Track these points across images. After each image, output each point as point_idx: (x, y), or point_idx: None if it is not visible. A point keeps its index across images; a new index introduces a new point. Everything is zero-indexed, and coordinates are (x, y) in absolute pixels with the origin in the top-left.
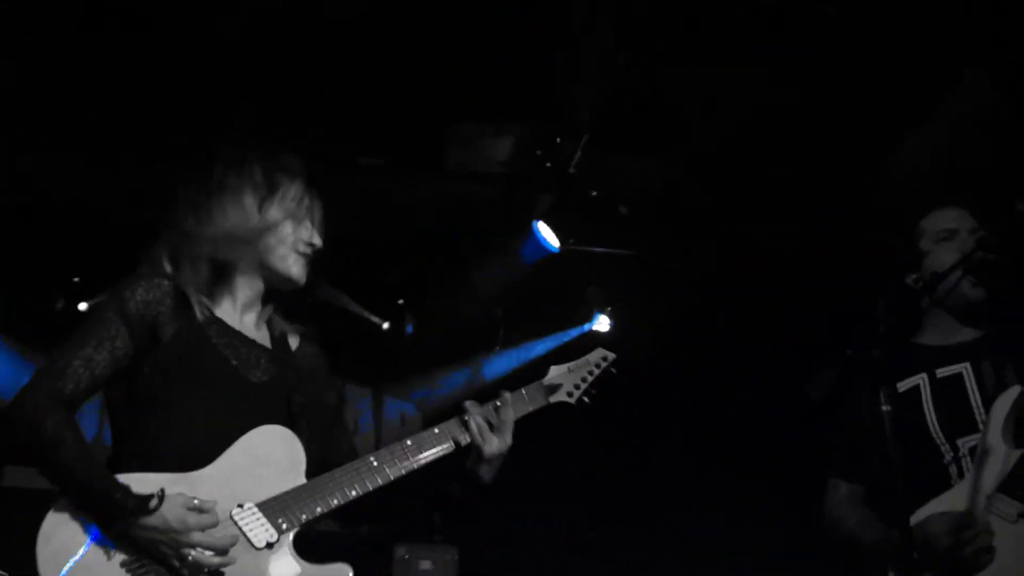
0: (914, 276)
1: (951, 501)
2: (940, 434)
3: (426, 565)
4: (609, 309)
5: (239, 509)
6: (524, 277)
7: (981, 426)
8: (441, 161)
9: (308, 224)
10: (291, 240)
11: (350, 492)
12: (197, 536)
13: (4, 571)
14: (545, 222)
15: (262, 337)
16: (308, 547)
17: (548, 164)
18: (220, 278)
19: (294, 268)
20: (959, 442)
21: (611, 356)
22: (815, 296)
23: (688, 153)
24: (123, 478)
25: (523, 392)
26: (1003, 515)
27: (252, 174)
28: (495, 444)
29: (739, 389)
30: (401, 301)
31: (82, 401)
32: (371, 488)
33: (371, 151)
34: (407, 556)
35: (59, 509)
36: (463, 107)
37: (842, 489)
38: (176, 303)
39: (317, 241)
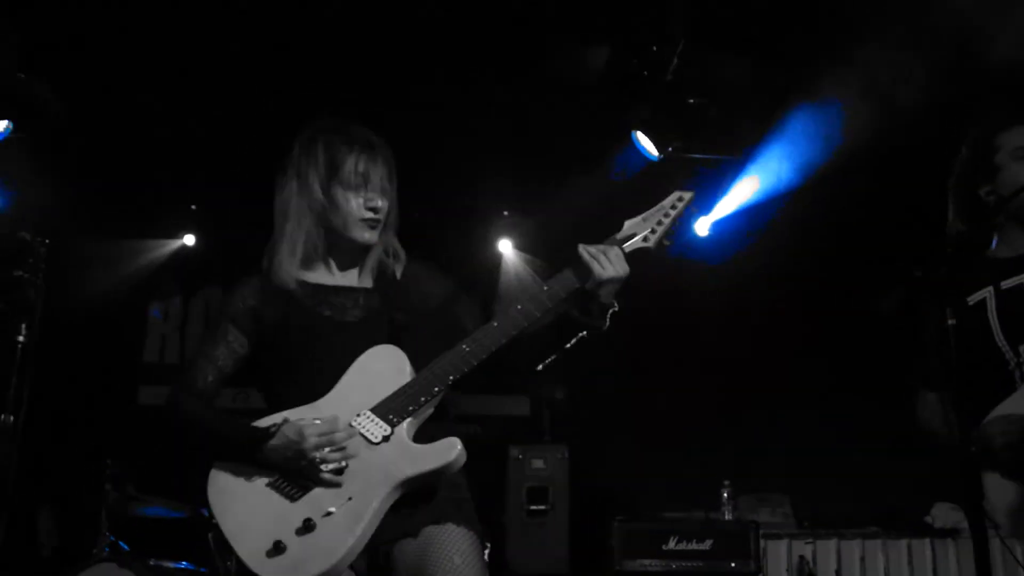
0: (987, 189)
1: (1016, 403)
2: (1004, 342)
3: (539, 464)
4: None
5: (356, 416)
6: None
7: None
8: (540, 72)
9: (366, 191)
10: (354, 209)
11: (447, 379)
12: (314, 440)
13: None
14: (643, 131)
15: (364, 283)
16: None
17: (645, 72)
18: (313, 248)
19: (361, 234)
20: (1021, 348)
21: (687, 195)
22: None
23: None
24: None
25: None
26: None
27: (316, 155)
28: (610, 269)
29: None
30: (507, 213)
31: (215, 390)
32: (466, 370)
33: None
34: (520, 456)
35: (219, 464)
36: (560, 18)
37: (930, 399)
38: (269, 291)
39: (379, 203)
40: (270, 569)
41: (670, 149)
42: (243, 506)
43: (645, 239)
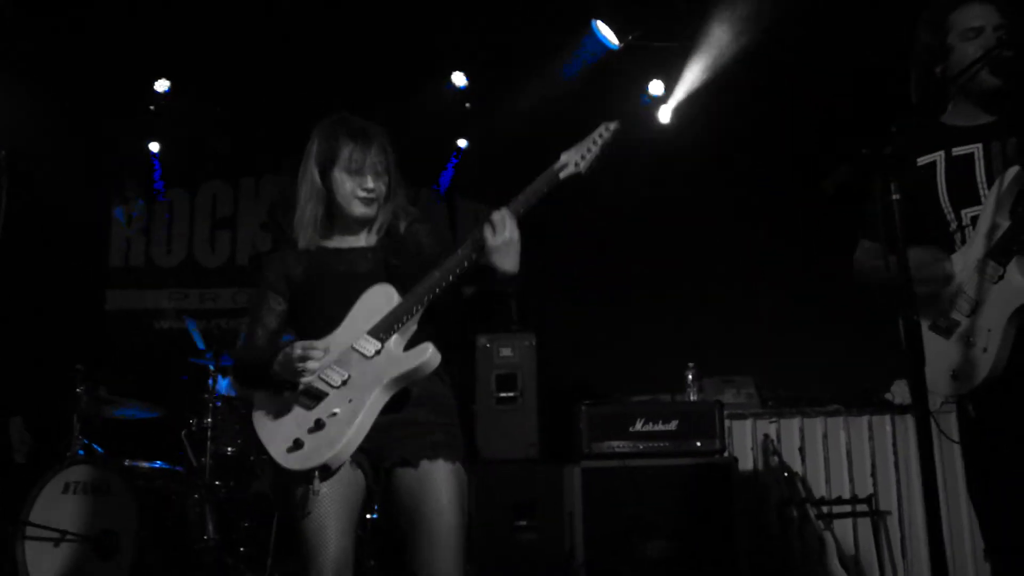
0: (940, 68)
1: (954, 264)
2: (948, 204)
3: (507, 352)
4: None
5: (357, 340)
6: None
7: (983, 199)
8: None
9: (362, 175)
10: (350, 191)
11: (424, 298)
12: (298, 352)
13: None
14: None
15: (370, 242)
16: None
17: None
18: (327, 221)
19: (358, 210)
20: (963, 212)
21: (613, 125)
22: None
23: None
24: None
25: (536, 181)
26: (988, 276)
27: (321, 145)
28: (492, 237)
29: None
30: (468, 105)
31: (267, 344)
32: (437, 290)
33: None
34: (488, 344)
35: (257, 397)
36: None
37: (866, 244)
38: (294, 258)
39: (370, 185)
40: (291, 461)
41: (630, 38)
42: (272, 421)
43: (576, 165)
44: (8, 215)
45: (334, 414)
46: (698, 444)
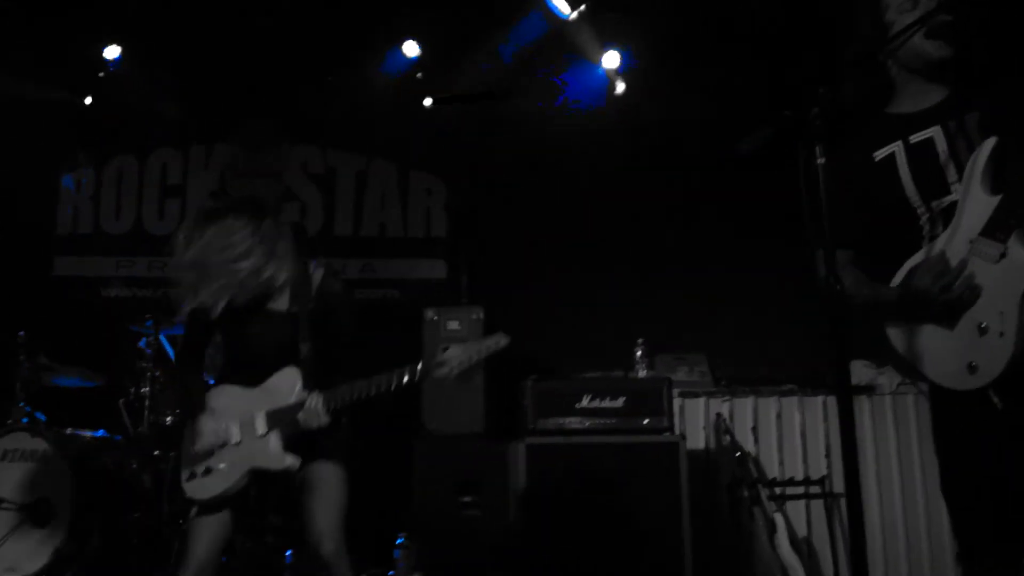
0: (882, 52)
1: (928, 255)
2: (917, 196)
3: (454, 325)
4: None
5: (258, 413)
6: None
7: (953, 186)
8: None
9: None
10: None
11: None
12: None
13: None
14: None
15: (281, 303)
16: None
17: None
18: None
19: None
20: (933, 204)
21: (504, 341)
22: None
23: None
24: None
25: (398, 371)
26: (985, 256)
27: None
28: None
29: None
30: (419, 75)
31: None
32: (327, 409)
33: None
34: (435, 318)
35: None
36: None
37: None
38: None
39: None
40: (185, 487)
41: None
42: (190, 443)
43: (450, 371)
44: None
45: (220, 468)
46: (645, 422)
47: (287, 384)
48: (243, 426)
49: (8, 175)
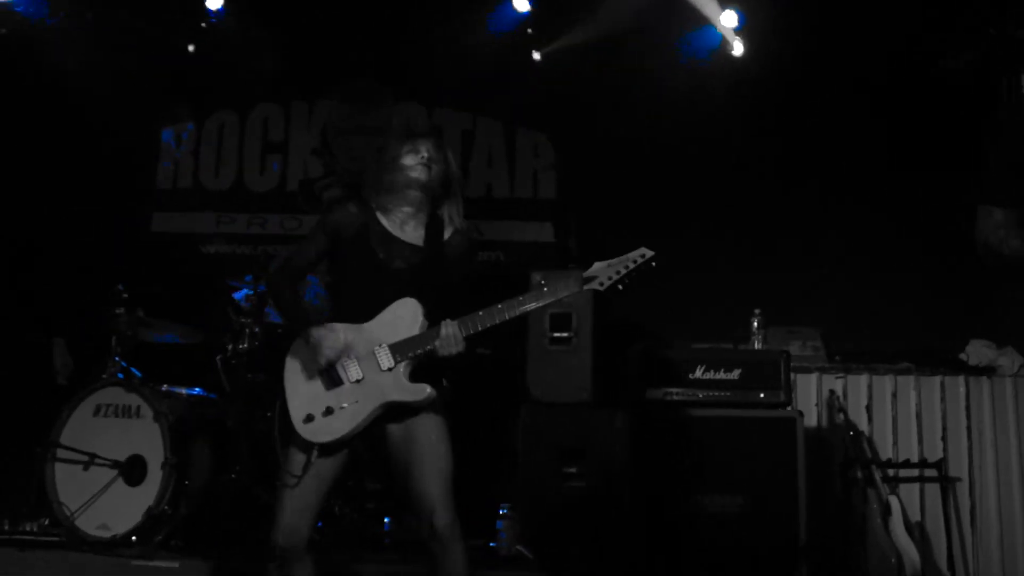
0: None
1: None
2: None
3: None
4: None
5: (378, 347)
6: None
7: None
8: None
9: (418, 151)
10: (412, 163)
11: (430, 344)
12: (325, 356)
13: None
14: None
15: (416, 237)
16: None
17: None
18: (388, 201)
19: (413, 173)
20: None
21: (649, 253)
22: None
23: None
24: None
25: (561, 280)
26: None
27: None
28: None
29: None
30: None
31: (301, 273)
32: (463, 335)
33: None
34: (542, 282)
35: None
36: None
37: (996, 215)
38: (357, 221)
39: (426, 153)
40: (303, 430)
41: None
42: (298, 379)
43: (601, 283)
44: (53, 134)
45: (343, 407)
46: (761, 395)
47: (407, 315)
48: (363, 361)
49: (107, 128)
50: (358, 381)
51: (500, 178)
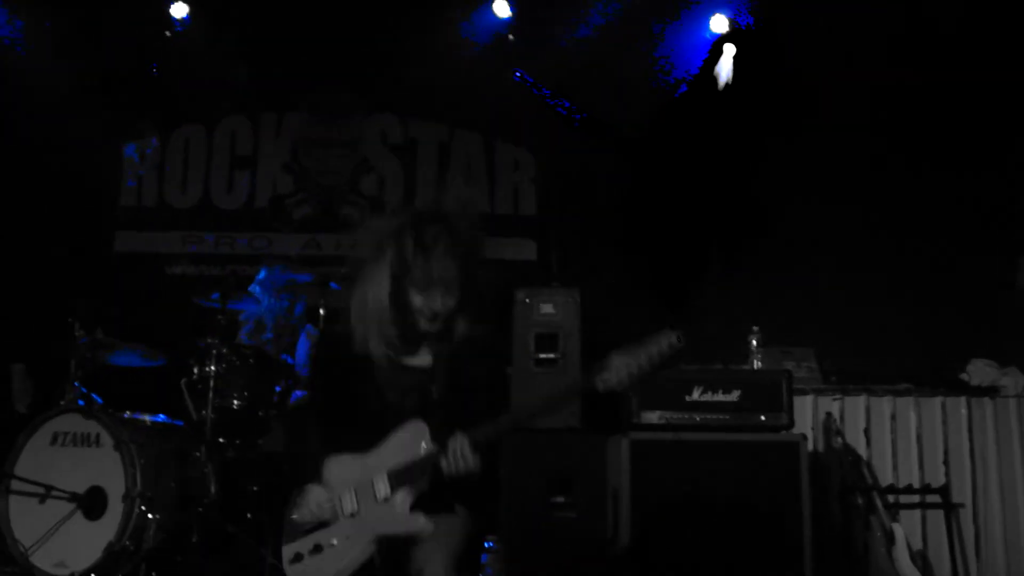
0: None
1: None
2: None
3: (548, 308)
4: None
5: (377, 475)
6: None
7: None
8: None
9: (431, 292)
10: (420, 306)
11: (433, 464)
12: (313, 507)
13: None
14: None
15: (423, 361)
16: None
17: None
18: (390, 331)
19: (423, 326)
20: None
21: (675, 339)
22: None
23: None
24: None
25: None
26: None
27: (394, 252)
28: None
29: None
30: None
31: None
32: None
33: None
34: (527, 300)
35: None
36: None
37: None
38: (358, 358)
39: (439, 306)
40: (289, 571)
41: None
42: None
43: (620, 383)
44: (7, 149)
45: (332, 544)
46: (762, 418)
47: (411, 438)
48: (359, 493)
49: (67, 143)
50: (353, 514)
51: (480, 194)
